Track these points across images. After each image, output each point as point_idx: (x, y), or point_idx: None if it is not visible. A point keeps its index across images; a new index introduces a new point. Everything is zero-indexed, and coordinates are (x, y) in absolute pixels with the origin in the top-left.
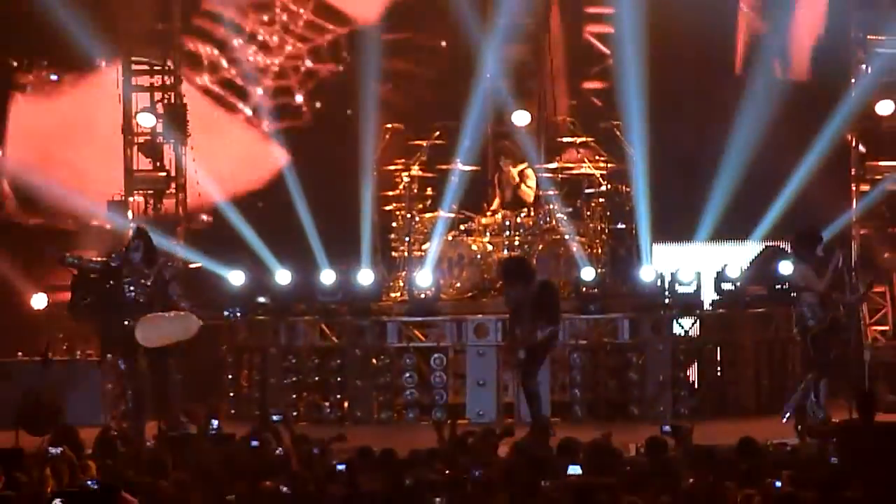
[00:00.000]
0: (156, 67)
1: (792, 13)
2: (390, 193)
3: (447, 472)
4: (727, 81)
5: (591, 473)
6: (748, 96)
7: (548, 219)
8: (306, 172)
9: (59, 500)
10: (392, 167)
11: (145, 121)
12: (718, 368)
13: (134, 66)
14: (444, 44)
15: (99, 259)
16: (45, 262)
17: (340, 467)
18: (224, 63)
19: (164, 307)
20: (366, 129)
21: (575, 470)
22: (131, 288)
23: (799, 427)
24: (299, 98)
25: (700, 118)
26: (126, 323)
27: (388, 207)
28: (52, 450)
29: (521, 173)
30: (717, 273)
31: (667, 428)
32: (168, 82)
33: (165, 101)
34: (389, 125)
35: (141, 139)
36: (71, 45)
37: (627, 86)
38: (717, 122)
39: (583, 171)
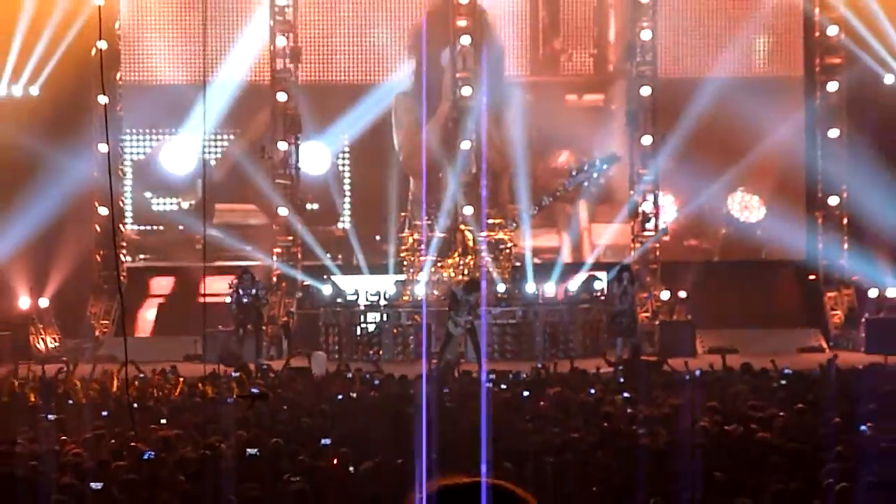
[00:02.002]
0: None
1: None
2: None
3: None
4: None
5: None
6: None
7: (479, 260)
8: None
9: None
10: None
11: None
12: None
13: None
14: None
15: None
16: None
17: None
18: None
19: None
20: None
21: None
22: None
23: (607, 360)
24: None
25: None
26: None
27: (403, 253)
28: (234, 374)
29: (472, 238)
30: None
31: None
32: None
33: None
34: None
35: None
36: None
37: None
38: None
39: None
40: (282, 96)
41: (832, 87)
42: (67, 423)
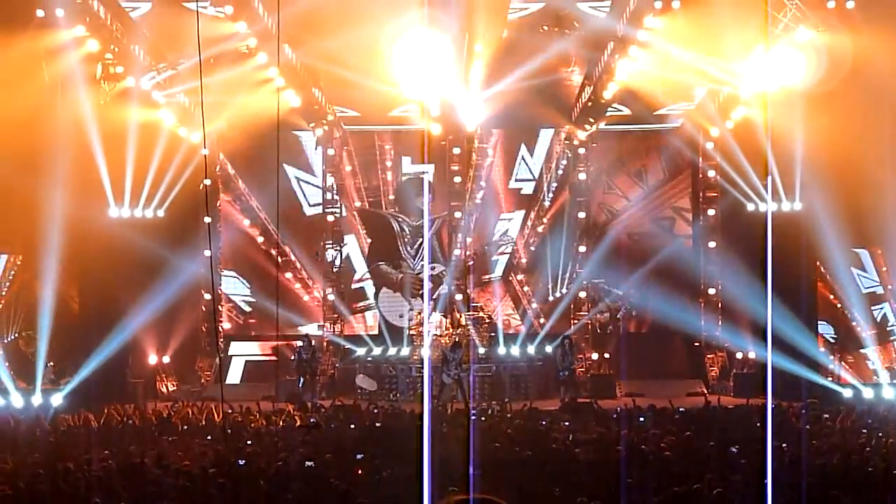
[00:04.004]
0: None
1: None
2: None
3: None
4: None
5: None
6: None
7: (466, 331)
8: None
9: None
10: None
11: None
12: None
13: None
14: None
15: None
16: None
17: None
18: None
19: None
20: None
21: None
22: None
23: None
24: None
25: None
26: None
27: (413, 325)
28: (296, 410)
29: (461, 316)
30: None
31: None
32: None
33: None
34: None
35: None
36: None
37: None
38: None
39: (479, 315)
40: (330, 218)
41: (711, 212)
42: (180, 444)
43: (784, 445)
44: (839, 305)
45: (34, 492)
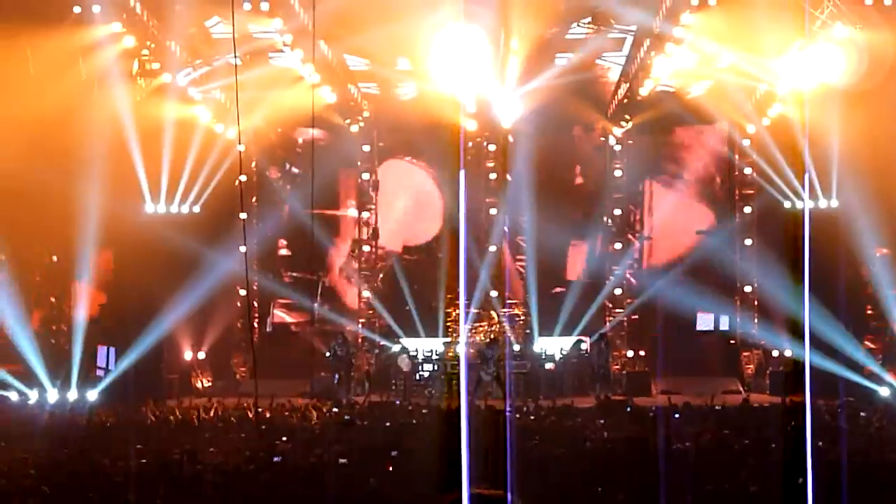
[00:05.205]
0: None
1: None
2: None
3: None
4: None
5: None
6: None
7: (501, 328)
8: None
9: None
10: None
11: None
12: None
13: None
14: None
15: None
16: None
17: None
18: None
19: None
20: None
21: None
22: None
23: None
24: None
25: None
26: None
27: (448, 323)
28: (334, 408)
29: (496, 313)
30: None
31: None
32: None
33: None
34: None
35: None
36: None
37: None
38: None
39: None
40: (366, 248)
41: (747, 209)
42: (215, 440)
43: (821, 444)
44: (877, 304)
45: (70, 488)
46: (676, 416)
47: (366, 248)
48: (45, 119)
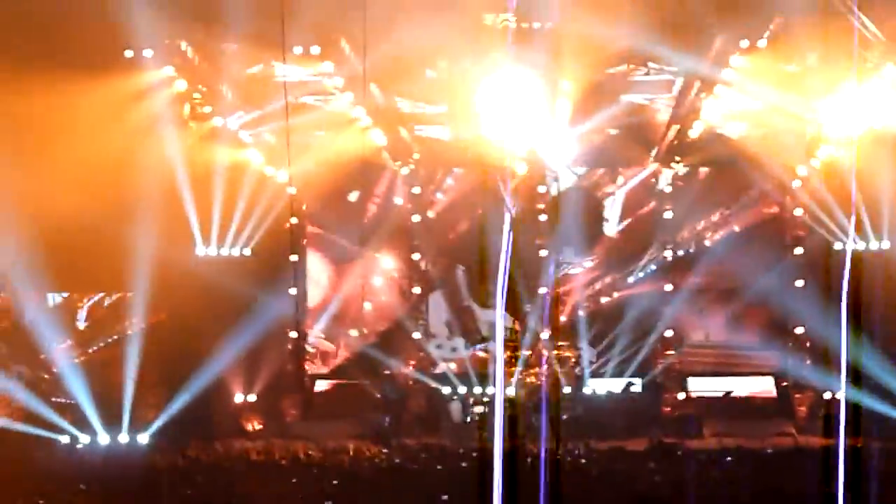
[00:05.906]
0: None
1: None
2: None
3: None
4: None
5: None
6: None
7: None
8: None
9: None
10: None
11: None
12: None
13: None
14: None
15: None
16: None
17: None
18: None
19: None
20: None
21: None
22: None
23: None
24: None
25: None
26: None
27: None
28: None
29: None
30: None
31: None
32: None
33: None
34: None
35: None
36: None
37: None
38: None
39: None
40: (416, 290)
41: (798, 251)
42: (266, 484)
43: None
44: None
45: None
46: (728, 459)
47: (416, 290)
48: (97, 164)
